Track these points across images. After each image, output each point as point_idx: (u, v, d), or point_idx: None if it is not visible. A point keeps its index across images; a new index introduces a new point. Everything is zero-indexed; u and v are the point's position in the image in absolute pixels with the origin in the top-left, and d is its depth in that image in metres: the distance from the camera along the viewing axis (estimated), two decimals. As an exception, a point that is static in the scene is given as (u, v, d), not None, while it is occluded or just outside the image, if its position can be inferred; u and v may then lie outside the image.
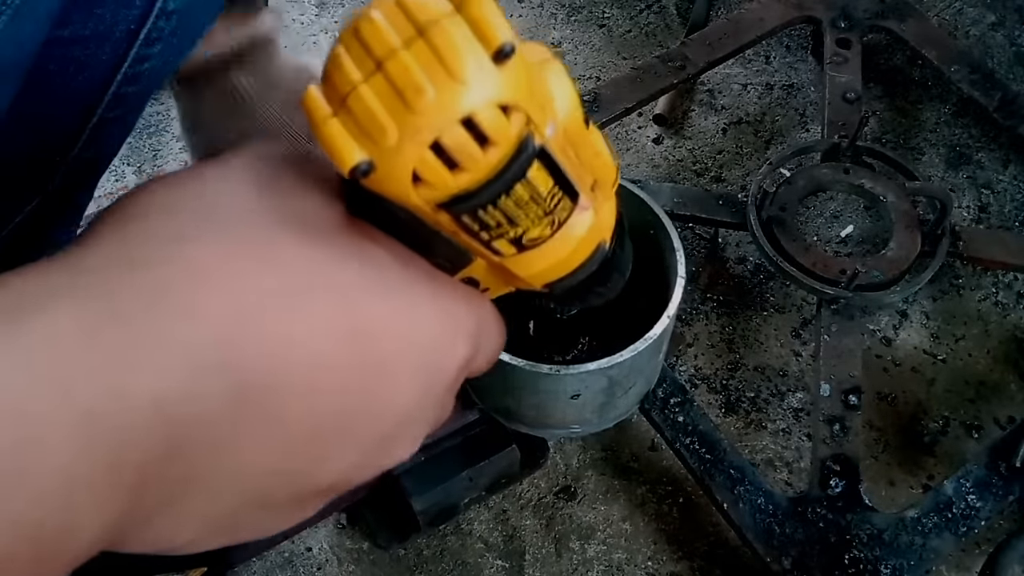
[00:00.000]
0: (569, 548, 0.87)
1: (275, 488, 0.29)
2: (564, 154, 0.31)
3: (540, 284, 0.36)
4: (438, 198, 0.28)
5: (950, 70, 1.07)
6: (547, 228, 0.32)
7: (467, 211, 0.29)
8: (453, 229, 0.30)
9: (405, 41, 0.26)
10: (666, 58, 1.07)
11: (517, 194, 0.29)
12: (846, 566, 0.73)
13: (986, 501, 0.76)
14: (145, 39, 0.54)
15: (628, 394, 0.74)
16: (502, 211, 0.30)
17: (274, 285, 0.27)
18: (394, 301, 0.30)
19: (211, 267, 0.26)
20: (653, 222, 0.73)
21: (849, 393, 0.82)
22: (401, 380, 0.30)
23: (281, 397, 0.27)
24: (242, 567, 0.85)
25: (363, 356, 0.28)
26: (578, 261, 0.35)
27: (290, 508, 0.31)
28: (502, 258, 0.33)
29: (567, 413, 0.72)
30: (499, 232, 0.31)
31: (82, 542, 0.25)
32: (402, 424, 0.31)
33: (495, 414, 0.78)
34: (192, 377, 0.25)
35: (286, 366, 0.27)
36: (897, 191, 0.94)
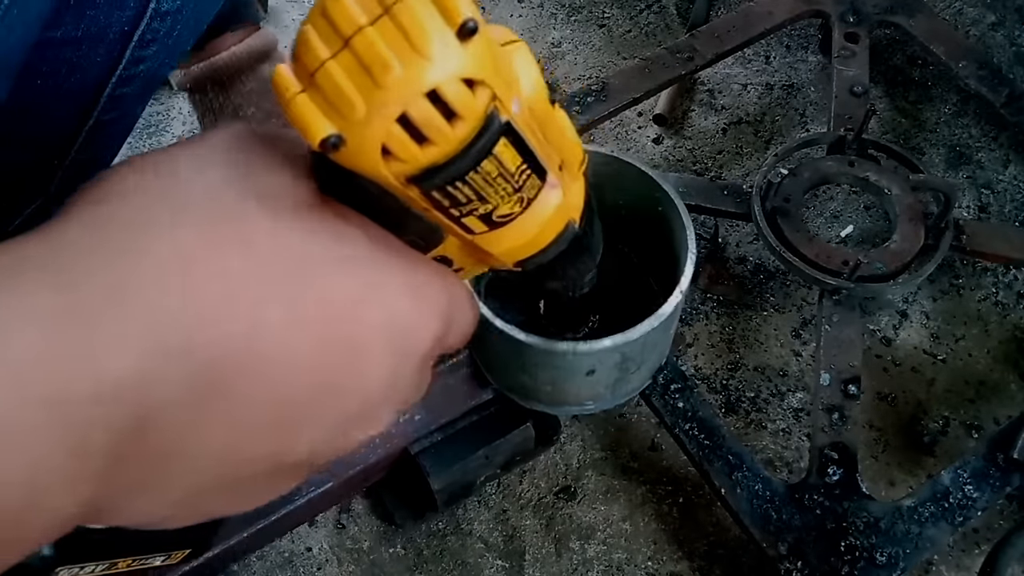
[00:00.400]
0: (569, 548, 0.87)
1: (244, 468, 0.29)
2: (531, 132, 0.31)
3: (511, 262, 0.36)
4: (408, 172, 0.29)
5: (958, 66, 1.07)
6: (516, 205, 0.33)
7: (437, 186, 0.30)
8: (424, 206, 0.31)
9: (371, 18, 0.27)
10: (674, 50, 1.07)
11: (485, 169, 0.30)
12: (842, 553, 0.73)
13: (983, 492, 0.76)
14: (139, 41, 0.54)
15: (641, 370, 0.75)
16: (471, 186, 0.30)
17: (242, 267, 0.27)
18: (365, 279, 0.30)
19: (180, 253, 0.27)
20: (662, 199, 0.74)
21: (849, 383, 0.83)
22: (371, 359, 0.30)
23: (247, 380, 0.27)
24: (241, 567, 0.85)
25: (332, 336, 0.29)
26: (547, 239, 0.36)
27: (268, 482, 0.31)
28: (473, 236, 0.33)
29: (581, 390, 0.73)
30: (470, 208, 0.31)
31: (52, 520, 0.25)
32: (372, 403, 0.31)
33: (510, 392, 0.79)
34: (153, 362, 0.25)
35: (252, 349, 0.27)
36: (901, 184, 0.95)
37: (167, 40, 0.56)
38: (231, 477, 0.29)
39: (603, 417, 0.94)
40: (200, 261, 0.27)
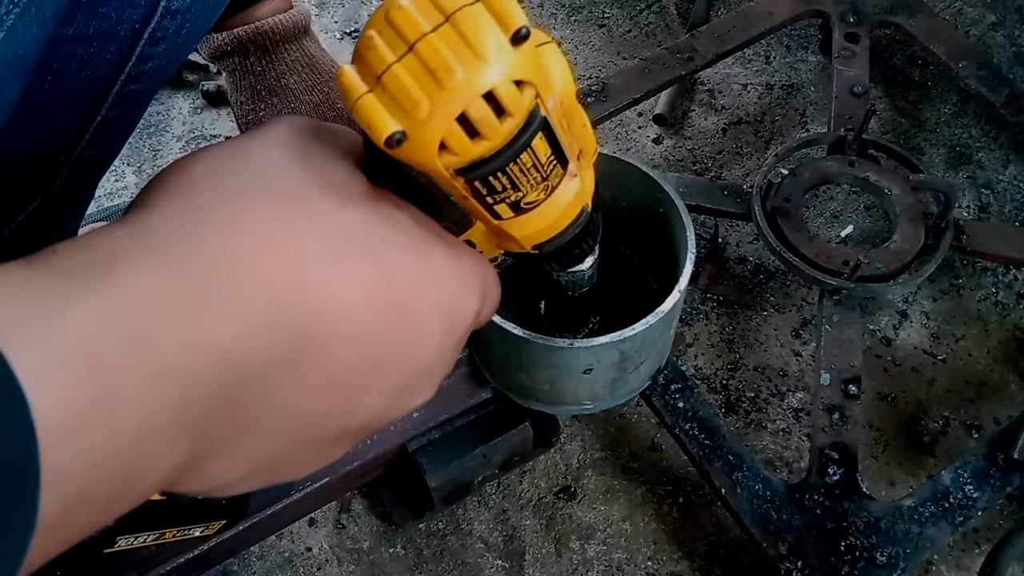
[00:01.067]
0: (569, 548, 0.87)
1: (317, 429, 0.31)
2: (560, 125, 0.34)
3: (530, 245, 0.39)
4: (458, 164, 0.32)
5: (958, 66, 1.07)
6: (542, 193, 0.36)
7: (480, 177, 0.32)
8: (464, 195, 0.34)
9: (433, 25, 0.29)
10: (674, 50, 1.07)
11: (523, 161, 0.33)
12: (842, 553, 0.73)
13: (983, 492, 0.76)
14: (149, 38, 0.54)
15: (639, 369, 0.74)
16: (509, 177, 0.33)
17: (319, 248, 0.30)
18: (418, 260, 0.33)
19: (263, 233, 0.29)
20: (662, 199, 0.74)
21: (849, 383, 0.83)
22: (426, 331, 0.33)
23: (327, 348, 0.29)
24: (241, 567, 0.85)
25: (396, 310, 0.31)
26: (565, 223, 0.39)
27: (327, 448, 0.33)
28: (500, 221, 0.36)
29: (580, 388, 0.73)
30: (503, 196, 0.34)
31: (150, 482, 0.27)
32: (426, 371, 0.34)
33: (508, 391, 0.79)
34: (252, 333, 0.27)
35: (332, 321, 0.29)
36: (902, 184, 0.95)
37: (175, 38, 0.56)
38: (302, 442, 0.31)
39: (603, 417, 0.94)
40: (280, 238, 0.29)
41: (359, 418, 0.32)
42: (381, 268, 0.31)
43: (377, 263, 0.31)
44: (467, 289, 0.35)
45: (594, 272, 0.62)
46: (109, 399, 0.24)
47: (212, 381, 0.27)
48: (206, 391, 0.26)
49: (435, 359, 0.34)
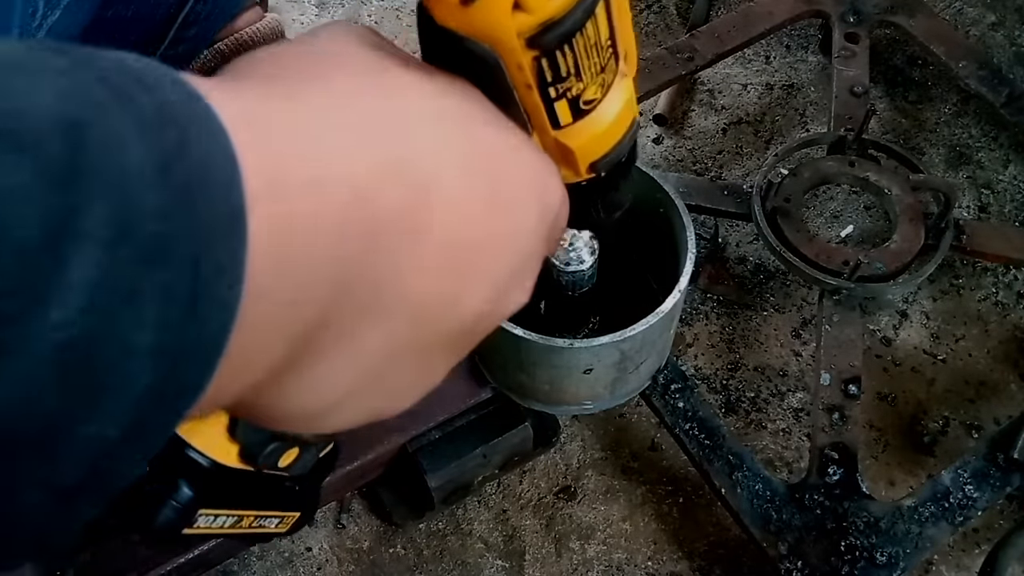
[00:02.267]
0: (569, 548, 0.87)
1: (425, 323, 0.29)
2: (615, 5, 0.34)
3: (586, 164, 0.38)
4: (531, 26, 0.31)
5: (958, 66, 1.07)
6: (599, 90, 0.35)
7: (550, 47, 0.32)
8: (528, 82, 0.33)
9: None
10: (674, 50, 1.07)
11: (587, 33, 0.32)
12: (842, 552, 0.73)
13: (983, 492, 0.76)
14: (183, 22, 0.55)
15: (639, 370, 0.74)
16: (574, 54, 0.33)
17: (419, 114, 0.29)
18: (508, 136, 0.32)
19: (365, 93, 0.28)
20: (663, 200, 0.74)
21: (849, 383, 0.83)
22: (522, 215, 0.32)
23: (435, 217, 0.28)
24: (241, 567, 0.85)
25: (496, 187, 0.30)
26: (620, 133, 0.38)
27: (430, 359, 0.32)
28: (559, 131, 0.36)
29: (580, 388, 0.73)
30: (565, 87, 0.34)
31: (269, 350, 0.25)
32: (524, 261, 0.32)
33: (508, 391, 0.79)
34: (379, 173, 0.26)
35: (438, 188, 0.28)
36: (902, 184, 0.95)
37: (205, 23, 0.57)
38: (409, 342, 0.29)
39: (603, 417, 0.94)
40: (382, 99, 0.28)
41: (467, 310, 0.30)
42: (476, 142, 0.30)
43: (471, 136, 0.30)
44: (552, 175, 0.34)
45: (594, 272, 0.62)
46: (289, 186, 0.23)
47: (357, 210, 0.25)
48: (354, 220, 0.25)
49: (530, 249, 0.32)
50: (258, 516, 0.47)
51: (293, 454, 0.46)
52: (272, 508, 0.48)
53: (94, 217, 0.18)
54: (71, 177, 0.18)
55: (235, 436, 0.43)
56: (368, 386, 0.29)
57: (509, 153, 0.32)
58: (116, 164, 0.18)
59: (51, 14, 0.44)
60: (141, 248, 0.19)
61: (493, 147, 0.31)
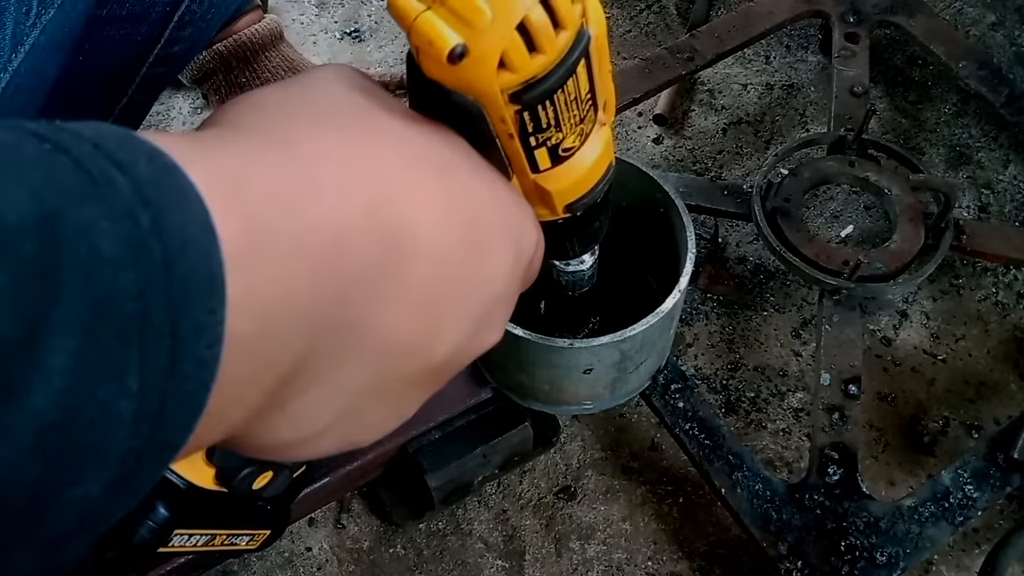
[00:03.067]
0: (569, 548, 0.87)
1: (401, 360, 0.30)
2: (596, 59, 0.35)
3: (563, 205, 0.40)
4: (515, 83, 0.32)
5: (958, 66, 1.07)
6: (578, 139, 0.37)
7: (532, 102, 0.33)
8: (510, 131, 0.34)
9: None
10: (674, 50, 1.07)
11: (568, 89, 0.34)
12: (842, 553, 0.73)
13: (983, 492, 0.76)
14: (179, 21, 0.56)
15: (639, 370, 0.74)
16: (555, 108, 0.34)
17: (397, 162, 0.30)
18: (486, 184, 0.33)
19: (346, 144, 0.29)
20: (663, 200, 0.74)
21: (849, 383, 0.83)
22: (498, 257, 0.33)
23: (412, 263, 0.29)
24: (241, 567, 0.85)
25: (471, 232, 0.31)
26: (596, 178, 0.40)
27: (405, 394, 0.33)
28: (538, 175, 0.37)
29: (580, 389, 0.73)
30: (545, 137, 0.35)
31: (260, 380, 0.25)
32: (499, 300, 0.33)
33: (508, 391, 0.79)
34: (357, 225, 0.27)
35: (415, 236, 0.29)
36: (902, 184, 0.95)
37: (200, 23, 0.57)
38: (386, 377, 0.30)
39: (603, 417, 0.94)
40: (360, 148, 0.29)
41: (439, 351, 0.31)
42: (455, 188, 0.31)
43: (451, 182, 0.31)
44: (528, 220, 0.35)
45: (594, 272, 0.62)
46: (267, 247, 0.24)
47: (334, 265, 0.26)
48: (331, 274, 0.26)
49: (505, 289, 0.34)
50: (230, 535, 0.48)
51: (267, 477, 0.47)
52: (244, 527, 0.49)
53: (69, 307, 0.19)
54: (45, 271, 0.18)
55: (212, 460, 0.44)
56: (344, 420, 0.30)
57: (488, 199, 0.33)
58: (90, 251, 0.19)
59: (45, 13, 0.44)
60: (118, 328, 0.19)
61: (473, 193, 0.32)
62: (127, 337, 0.20)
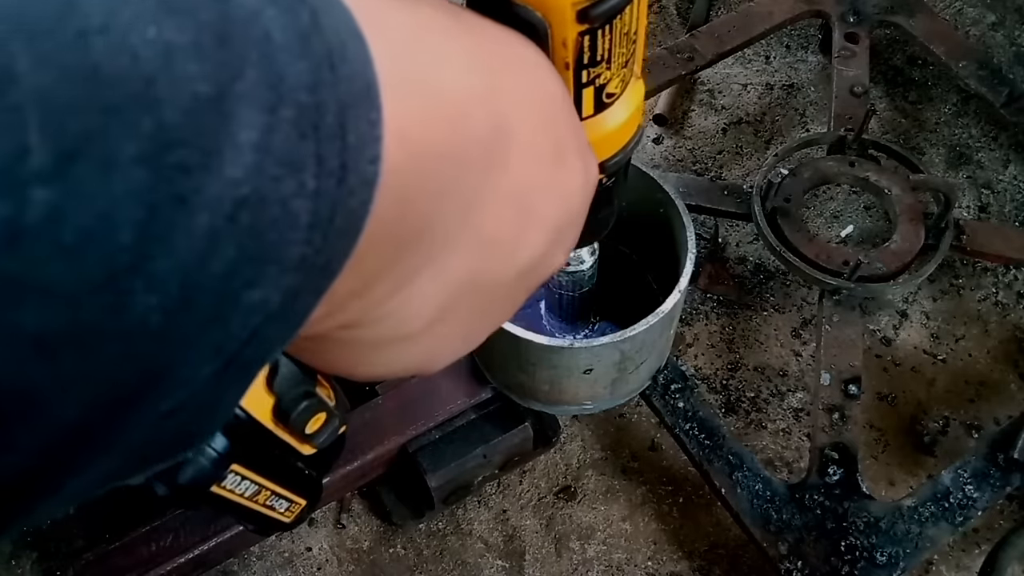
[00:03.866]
0: (569, 548, 0.87)
1: (493, 260, 0.30)
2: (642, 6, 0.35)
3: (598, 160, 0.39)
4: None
5: (958, 66, 1.07)
6: (620, 84, 0.37)
7: (595, 24, 0.33)
8: (566, 60, 0.34)
9: None
10: (674, 50, 1.07)
11: (625, 19, 0.34)
12: (842, 552, 0.73)
13: (983, 492, 0.76)
14: None
15: (639, 370, 0.74)
16: (611, 39, 0.34)
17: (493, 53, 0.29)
18: (566, 96, 0.32)
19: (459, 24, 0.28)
20: (663, 200, 0.74)
21: (849, 383, 0.83)
22: (576, 172, 0.32)
23: (511, 156, 0.28)
24: (241, 567, 0.85)
25: (558, 139, 0.31)
26: (629, 135, 0.40)
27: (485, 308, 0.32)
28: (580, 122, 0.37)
29: (580, 389, 0.73)
30: (596, 73, 0.35)
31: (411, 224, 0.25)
32: (572, 219, 0.33)
33: (508, 392, 0.79)
34: (477, 98, 0.26)
35: (515, 127, 0.28)
36: (902, 184, 0.95)
37: None
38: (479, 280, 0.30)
39: (603, 417, 0.94)
40: (471, 35, 0.28)
41: (522, 255, 0.31)
42: (548, 91, 0.31)
43: (545, 85, 0.31)
44: (590, 148, 0.34)
45: (594, 272, 0.62)
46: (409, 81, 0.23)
47: (460, 127, 0.25)
48: (457, 135, 0.25)
49: (579, 209, 0.33)
50: (274, 493, 0.47)
51: (320, 420, 0.46)
52: (287, 486, 0.48)
53: (252, 81, 0.18)
54: (225, 39, 0.18)
55: (272, 388, 0.42)
56: (436, 324, 0.30)
57: (568, 114, 0.32)
58: (263, 33, 0.18)
59: None
60: (296, 118, 0.19)
61: (560, 101, 0.31)
62: (304, 131, 0.19)
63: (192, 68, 0.17)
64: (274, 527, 0.50)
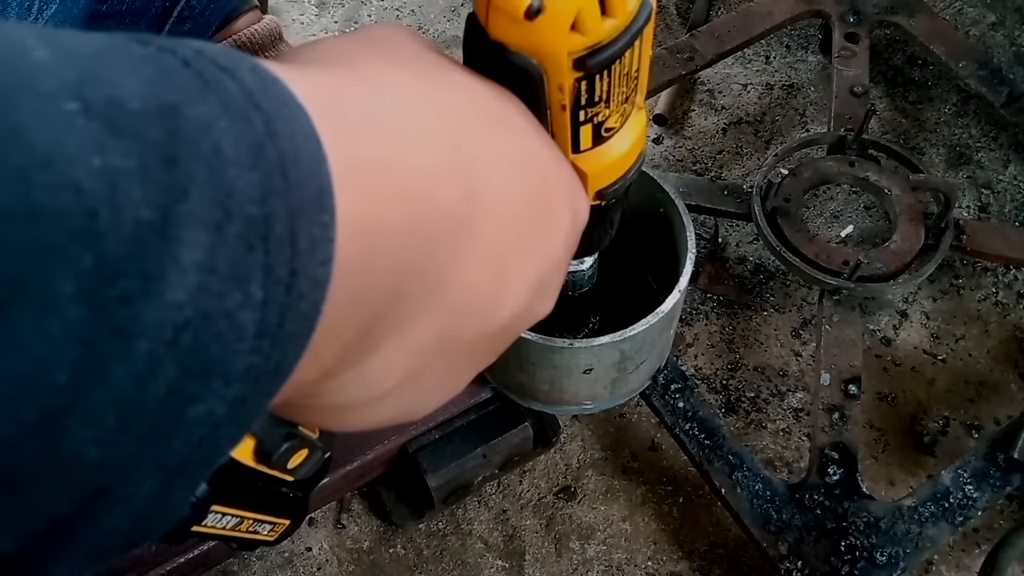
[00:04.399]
0: (569, 548, 0.87)
1: (468, 321, 0.30)
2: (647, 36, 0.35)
3: (594, 191, 0.40)
4: (583, 47, 0.32)
5: (958, 66, 1.07)
6: (620, 119, 0.37)
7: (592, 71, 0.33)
8: (563, 103, 0.34)
9: None
10: (674, 50, 1.07)
11: (624, 62, 0.34)
12: (842, 553, 0.73)
13: (983, 492, 0.76)
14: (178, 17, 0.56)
15: (639, 369, 0.74)
16: (610, 82, 0.34)
17: (474, 114, 0.29)
18: (549, 146, 0.33)
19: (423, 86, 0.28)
20: (663, 200, 0.74)
21: (849, 383, 0.83)
22: (560, 220, 0.32)
23: (488, 217, 0.28)
24: (241, 567, 0.85)
25: (541, 194, 0.31)
26: (629, 164, 0.40)
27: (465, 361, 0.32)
28: (577, 154, 0.37)
29: (580, 388, 0.73)
30: (594, 112, 0.35)
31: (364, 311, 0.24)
32: (556, 267, 0.33)
33: (508, 391, 0.79)
34: (442, 167, 0.26)
35: (493, 188, 0.28)
36: (902, 184, 0.95)
37: (200, 19, 0.57)
38: (451, 338, 0.29)
39: (603, 417, 0.94)
40: (438, 95, 0.28)
41: (502, 313, 0.31)
42: (526, 148, 0.31)
43: (522, 142, 0.31)
44: (580, 188, 0.35)
45: (594, 272, 0.62)
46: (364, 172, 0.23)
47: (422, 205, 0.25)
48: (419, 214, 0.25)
49: (563, 255, 0.33)
50: (256, 520, 0.48)
51: (303, 455, 0.46)
52: (270, 512, 0.48)
53: (198, 201, 0.18)
54: (173, 160, 0.17)
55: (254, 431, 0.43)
56: (407, 383, 0.29)
57: (553, 163, 0.32)
58: (213, 148, 0.18)
59: (47, 8, 0.44)
60: (243, 231, 0.19)
61: (541, 156, 0.32)
62: (251, 243, 0.19)
63: (136, 194, 0.17)
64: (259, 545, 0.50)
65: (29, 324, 0.15)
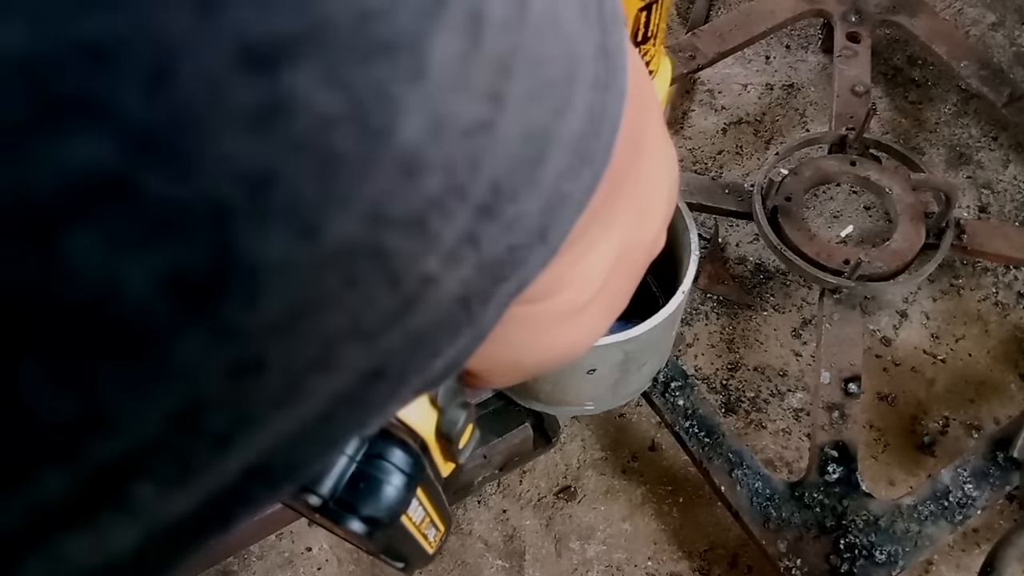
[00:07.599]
0: (569, 548, 0.87)
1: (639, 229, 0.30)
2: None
3: None
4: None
5: (959, 66, 1.07)
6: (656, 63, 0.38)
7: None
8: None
9: None
10: (675, 49, 1.07)
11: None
12: (841, 551, 0.73)
13: (983, 490, 0.76)
14: None
15: (641, 371, 0.74)
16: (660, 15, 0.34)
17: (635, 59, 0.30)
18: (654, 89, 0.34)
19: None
20: None
21: (849, 381, 0.83)
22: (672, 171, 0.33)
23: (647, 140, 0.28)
24: (241, 567, 0.85)
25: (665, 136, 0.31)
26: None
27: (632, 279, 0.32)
28: None
29: (582, 389, 0.73)
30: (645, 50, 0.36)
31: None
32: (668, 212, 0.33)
33: (509, 391, 0.79)
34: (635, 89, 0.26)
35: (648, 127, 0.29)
36: (903, 183, 0.95)
37: None
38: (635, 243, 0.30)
39: (603, 417, 0.94)
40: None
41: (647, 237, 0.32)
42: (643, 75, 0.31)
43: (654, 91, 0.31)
44: None
45: None
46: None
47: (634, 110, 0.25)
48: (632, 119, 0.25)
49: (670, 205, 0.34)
50: (430, 518, 0.43)
51: (470, 431, 0.43)
52: (439, 509, 0.44)
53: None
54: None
55: (436, 401, 0.39)
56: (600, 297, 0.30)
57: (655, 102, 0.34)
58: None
59: None
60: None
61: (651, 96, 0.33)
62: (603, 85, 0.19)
63: None
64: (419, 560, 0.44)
65: None
